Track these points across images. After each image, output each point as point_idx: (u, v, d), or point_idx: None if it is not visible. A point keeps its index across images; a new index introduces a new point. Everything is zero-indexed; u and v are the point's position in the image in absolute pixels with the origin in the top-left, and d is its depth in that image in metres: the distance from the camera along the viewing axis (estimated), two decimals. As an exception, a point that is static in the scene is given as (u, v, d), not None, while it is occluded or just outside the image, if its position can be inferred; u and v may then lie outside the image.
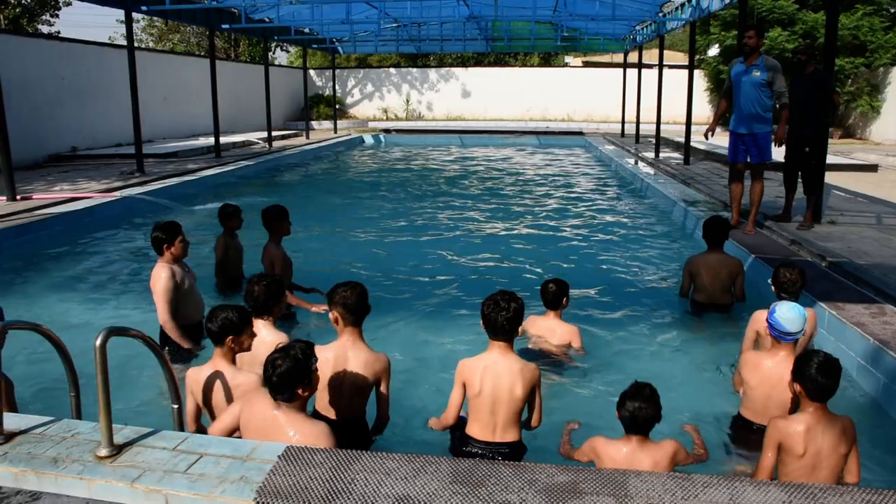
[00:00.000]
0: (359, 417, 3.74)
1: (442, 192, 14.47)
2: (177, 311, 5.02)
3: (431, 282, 7.55)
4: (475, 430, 3.61)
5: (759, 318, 4.50)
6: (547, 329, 5.12)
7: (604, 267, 8.19)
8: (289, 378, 3.01)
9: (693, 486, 2.58)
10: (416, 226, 10.64)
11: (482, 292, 4.00)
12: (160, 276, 4.98)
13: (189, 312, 5.14)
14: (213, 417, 3.61)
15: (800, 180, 8.73)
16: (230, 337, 3.56)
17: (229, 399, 3.53)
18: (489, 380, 3.53)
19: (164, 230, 5.09)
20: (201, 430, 3.59)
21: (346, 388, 3.65)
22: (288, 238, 6.22)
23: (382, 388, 3.70)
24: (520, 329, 3.75)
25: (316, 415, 3.76)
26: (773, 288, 4.68)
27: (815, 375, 3.09)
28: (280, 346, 3.17)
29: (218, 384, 3.56)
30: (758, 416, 3.86)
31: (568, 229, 10.37)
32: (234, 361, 3.65)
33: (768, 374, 3.82)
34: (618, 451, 3.23)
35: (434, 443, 3.93)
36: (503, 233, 10.13)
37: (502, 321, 3.53)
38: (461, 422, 3.71)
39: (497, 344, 3.60)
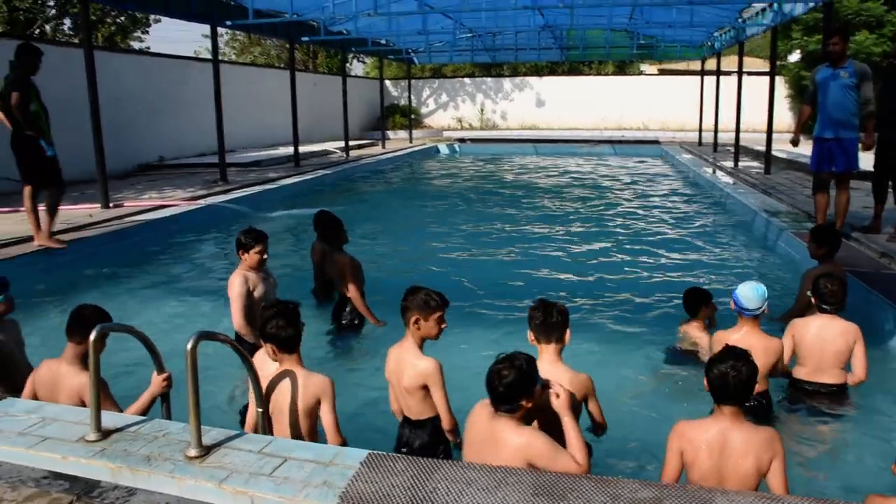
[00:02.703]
0: (423, 420, 3.79)
1: (517, 201, 14.43)
2: (249, 316, 5.13)
3: (504, 290, 7.54)
4: None
5: (794, 324, 4.68)
6: (697, 336, 5.35)
7: (685, 278, 8.02)
8: (515, 389, 2.95)
9: (782, 507, 2.51)
10: (491, 234, 10.65)
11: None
12: (233, 284, 5.16)
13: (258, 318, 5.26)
14: (267, 418, 3.55)
15: (890, 189, 8.39)
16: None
17: (296, 400, 3.50)
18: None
19: (247, 235, 5.24)
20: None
21: (400, 389, 3.75)
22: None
23: (433, 393, 3.70)
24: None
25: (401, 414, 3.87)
26: (813, 299, 4.62)
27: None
28: (503, 356, 3.13)
29: (287, 383, 3.53)
30: None
31: (645, 239, 10.21)
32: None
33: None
34: (705, 432, 3.02)
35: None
36: (578, 242, 10.05)
37: (551, 323, 3.50)
38: None
39: (546, 349, 3.55)
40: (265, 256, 5.31)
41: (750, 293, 4.15)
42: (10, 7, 23.93)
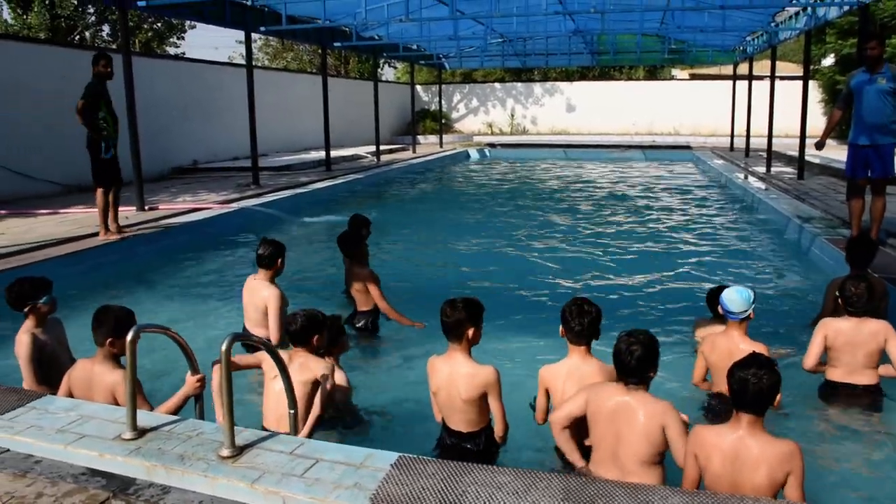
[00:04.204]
0: (476, 432, 3.77)
1: (547, 205, 14.42)
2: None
3: (532, 295, 7.55)
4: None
5: (825, 324, 4.63)
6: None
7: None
8: (644, 362, 3.23)
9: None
10: (520, 240, 10.64)
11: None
12: (275, 298, 5.18)
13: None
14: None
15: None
16: (315, 336, 3.97)
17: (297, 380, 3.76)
18: (574, 383, 3.61)
19: (276, 246, 5.35)
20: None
21: (457, 401, 3.72)
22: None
23: (492, 400, 3.71)
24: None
25: (445, 428, 3.84)
26: (839, 300, 4.62)
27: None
28: (625, 332, 3.34)
29: (294, 366, 3.87)
30: (721, 388, 4.01)
31: (676, 245, 10.14)
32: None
33: (723, 350, 4.16)
34: (720, 438, 3.00)
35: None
36: (608, 246, 10.00)
37: (585, 324, 3.63)
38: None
39: (577, 349, 3.70)
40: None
41: (734, 296, 4.14)
42: (52, 15, 24.49)
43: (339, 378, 4.28)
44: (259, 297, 5.28)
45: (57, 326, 4.57)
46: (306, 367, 3.88)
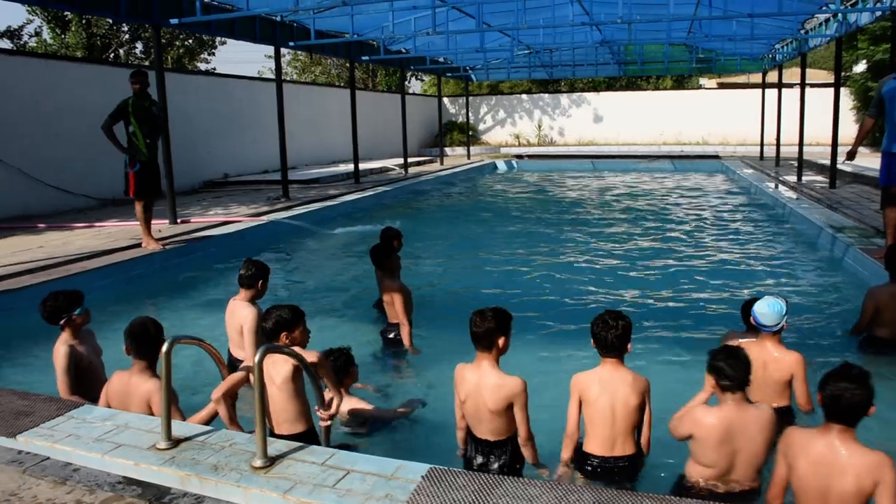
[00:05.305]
0: (503, 441, 3.77)
1: (575, 217, 14.38)
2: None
3: (561, 305, 7.53)
4: (594, 446, 3.70)
5: None
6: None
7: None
8: (744, 372, 3.38)
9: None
10: (548, 251, 10.61)
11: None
12: (253, 317, 5.08)
13: None
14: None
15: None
16: (283, 333, 3.86)
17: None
18: (606, 390, 3.67)
19: (261, 266, 5.33)
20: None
21: (483, 410, 3.73)
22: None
23: (518, 411, 3.71)
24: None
25: (472, 437, 3.84)
26: None
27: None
28: (717, 350, 3.52)
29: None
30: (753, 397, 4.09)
31: (707, 255, 10.05)
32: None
33: (756, 360, 4.03)
34: (809, 441, 3.01)
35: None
36: (637, 257, 9.94)
37: (612, 338, 3.69)
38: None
39: (608, 360, 3.75)
40: None
41: (766, 310, 4.11)
42: (89, 34, 25.09)
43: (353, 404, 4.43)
44: (237, 318, 5.19)
45: (91, 337, 4.66)
46: (278, 363, 3.78)
